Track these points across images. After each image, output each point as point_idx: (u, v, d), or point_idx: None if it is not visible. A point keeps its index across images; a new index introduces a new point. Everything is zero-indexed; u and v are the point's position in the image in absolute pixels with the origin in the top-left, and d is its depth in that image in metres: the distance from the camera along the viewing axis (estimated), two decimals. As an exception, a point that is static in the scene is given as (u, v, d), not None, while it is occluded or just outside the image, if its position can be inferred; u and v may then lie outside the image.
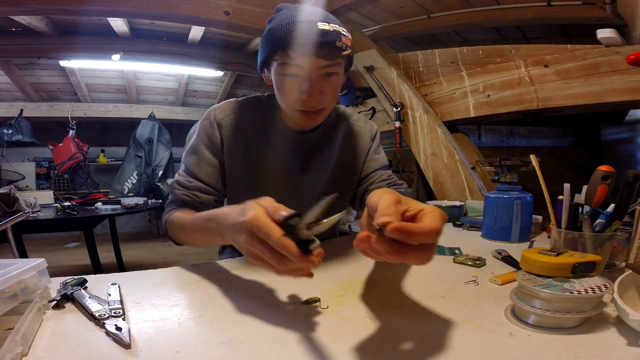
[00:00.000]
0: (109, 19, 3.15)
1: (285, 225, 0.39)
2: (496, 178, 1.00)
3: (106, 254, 3.06)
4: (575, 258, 0.47)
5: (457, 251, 0.80)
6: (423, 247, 0.37)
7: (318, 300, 0.52)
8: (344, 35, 0.66)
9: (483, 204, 0.99)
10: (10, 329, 0.39)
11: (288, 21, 0.65)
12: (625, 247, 0.63)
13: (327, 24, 0.65)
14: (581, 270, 0.46)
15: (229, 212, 0.49)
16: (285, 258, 0.39)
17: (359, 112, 0.95)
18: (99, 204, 2.78)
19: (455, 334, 0.42)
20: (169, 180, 0.81)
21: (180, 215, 0.72)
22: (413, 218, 0.40)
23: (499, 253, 0.75)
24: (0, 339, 0.36)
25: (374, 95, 2.49)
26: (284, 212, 0.40)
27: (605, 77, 1.58)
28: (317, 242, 0.40)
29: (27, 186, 4.29)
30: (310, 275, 0.42)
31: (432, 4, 2.29)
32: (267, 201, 0.43)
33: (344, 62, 0.71)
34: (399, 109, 2.27)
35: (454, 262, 0.72)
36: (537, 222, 1.02)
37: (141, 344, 0.41)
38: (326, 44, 0.63)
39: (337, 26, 0.66)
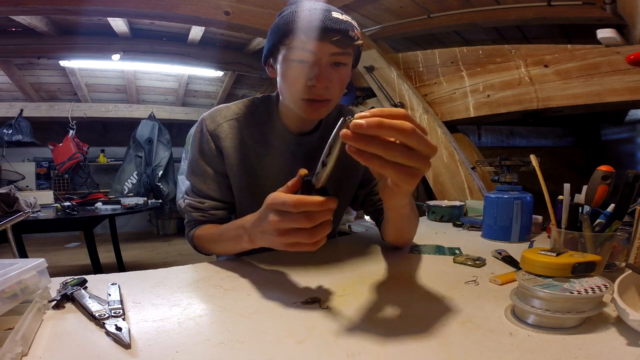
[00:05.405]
0: (109, 19, 3.15)
1: (304, 183, 0.47)
2: (496, 178, 1.00)
3: (106, 254, 3.06)
4: (575, 258, 0.47)
5: (457, 251, 0.80)
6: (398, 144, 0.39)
7: (318, 300, 0.52)
8: (356, 27, 0.66)
9: (483, 204, 0.99)
10: (10, 329, 0.39)
11: (301, 8, 0.65)
12: (625, 247, 0.63)
13: (340, 14, 0.65)
14: (581, 270, 0.46)
15: (251, 215, 0.58)
16: (311, 214, 0.45)
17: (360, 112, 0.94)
18: (99, 204, 2.78)
19: (455, 334, 0.42)
20: (181, 203, 0.82)
21: (206, 229, 0.77)
22: None
23: (499, 253, 0.75)
24: (0, 339, 0.36)
25: (374, 95, 2.49)
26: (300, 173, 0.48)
27: (605, 77, 1.58)
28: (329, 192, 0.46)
29: (27, 186, 4.28)
30: (331, 219, 0.47)
31: (432, 4, 2.29)
32: (276, 192, 0.51)
33: (353, 54, 0.70)
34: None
35: (454, 262, 0.72)
36: (537, 222, 1.02)
37: (141, 344, 0.41)
38: (339, 31, 0.63)
39: (349, 19, 0.66)
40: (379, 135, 0.39)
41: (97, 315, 0.45)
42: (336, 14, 0.64)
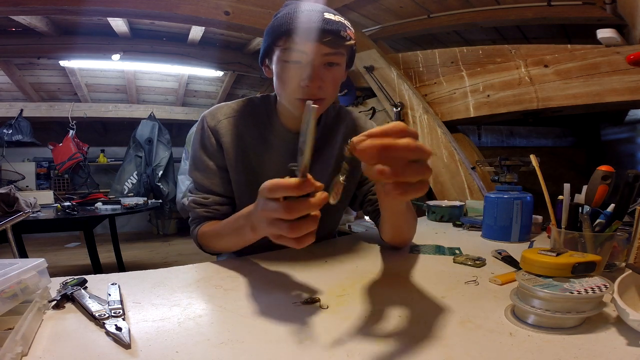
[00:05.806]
0: (109, 19, 3.14)
1: (290, 173, 0.42)
2: (496, 178, 1.00)
3: (106, 254, 3.06)
4: (575, 258, 0.47)
5: (457, 251, 0.80)
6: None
7: (318, 300, 0.52)
8: (348, 27, 0.68)
9: (483, 204, 0.99)
10: (10, 329, 0.39)
11: (294, 10, 0.67)
12: (625, 247, 0.63)
13: (332, 15, 0.67)
14: (581, 270, 0.46)
15: (253, 204, 0.54)
16: (292, 205, 0.41)
17: (359, 112, 0.95)
18: (99, 204, 2.78)
19: (455, 334, 0.42)
20: (185, 201, 0.82)
21: (210, 225, 0.77)
22: None
23: (499, 253, 0.75)
24: (0, 339, 0.36)
25: (374, 95, 2.49)
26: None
27: (605, 77, 1.58)
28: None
29: (27, 186, 4.28)
30: (317, 216, 0.43)
31: (432, 4, 2.29)
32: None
33: (346, 54, 0.71)
34: (399, 109, 2.27)
35: (454, 262, 0.72)
36: (537, 222, 1.02)
37: (141, 344, 0.41)
38: (330, 32, 0.65)
39: (342, 19, 0.68)
40: (386, 157, 0.36)
41: (97, 315, 0.45)
42: (328, 15, 0.66)
